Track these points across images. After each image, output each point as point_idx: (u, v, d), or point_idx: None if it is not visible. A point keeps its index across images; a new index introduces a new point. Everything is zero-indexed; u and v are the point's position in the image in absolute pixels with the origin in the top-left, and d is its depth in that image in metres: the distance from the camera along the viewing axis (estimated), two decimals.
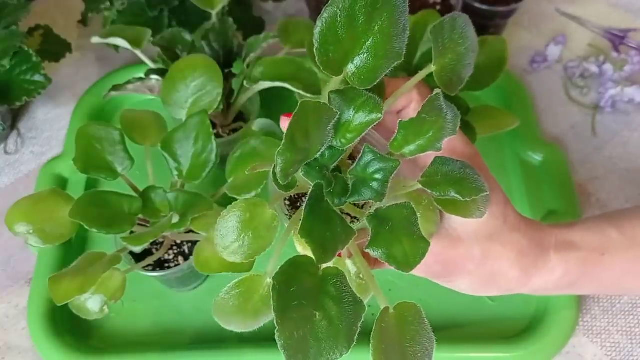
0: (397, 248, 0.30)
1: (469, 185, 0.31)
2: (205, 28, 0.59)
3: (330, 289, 0.29)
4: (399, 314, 0.30)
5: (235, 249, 0.31)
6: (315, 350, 0.27)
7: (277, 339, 0.27)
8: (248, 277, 0.32)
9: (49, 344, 0.53)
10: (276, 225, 0.32)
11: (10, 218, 0.44)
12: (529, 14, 0.80)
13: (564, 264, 0.39)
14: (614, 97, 0.69)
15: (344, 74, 0.32)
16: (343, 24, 0.31)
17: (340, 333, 0.28)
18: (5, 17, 0.66)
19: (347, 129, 0.31)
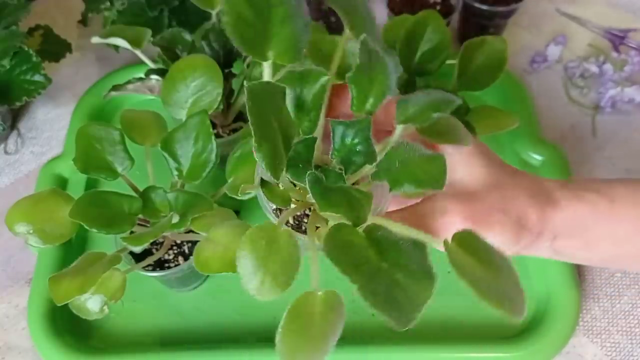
0: (419, 170, 0.30)
1: (449, 121, 0.32)
2: (205, 28, 0.59)
3: (381, 239, 0.28)
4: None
5: (269, 286, 0.29)
6: (404, 296, 0.26)
7: (366, 301, 0.26)
8: (299, 301, 0.30)
9: (49, 344, 0.53)
10: (295, 241, 0.30)
11: (10, 218, 0.44)
12: (529, 14, 0.80)
13: (574, 202, 0.37)
14: (614, 97, 0.69)
15: (271, 59, 0.32)
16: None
17: (415, 274, 0.27)
18: (5, 17, 0.66)
19: (306, 109, 0.31)
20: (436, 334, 0.54)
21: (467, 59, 0.55)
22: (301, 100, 0.31)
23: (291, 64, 0.31)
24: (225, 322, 0.56)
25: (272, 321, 0.56)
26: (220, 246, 0.43)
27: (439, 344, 0.52)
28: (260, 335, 0.55)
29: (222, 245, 0.43)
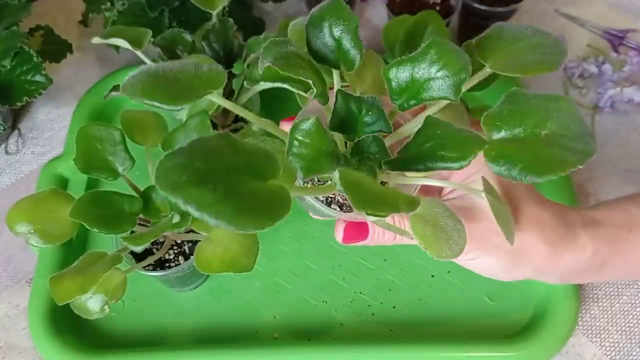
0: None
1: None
2: (205, 28, 0.59)
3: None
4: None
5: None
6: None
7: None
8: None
9: (50, 343, 0.53)
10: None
11: (11, 218, 0.44)
12: (528, 14, 0.81)
13: (593, 240, 0.37)
14: (613, 98, 0.69)
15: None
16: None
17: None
18: (6, 18, 0.66)
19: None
20: (436, 333, 0.54)
21: None
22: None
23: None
24: (225, 322, 0.56)
25: (272, 321, 0.56)
26: (221, 246, 0.43)
27: (438, 344, 0.52)
28: (260, 335, 0.55)
29: (222, 245, 0.43)
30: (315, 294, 0.57)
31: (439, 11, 0.72)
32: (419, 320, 0.55)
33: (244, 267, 0.42)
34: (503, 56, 0.31)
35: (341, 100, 0.31)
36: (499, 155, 0.28)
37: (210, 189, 0.23)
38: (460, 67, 0.30)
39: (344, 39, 0.32)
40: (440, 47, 0.30)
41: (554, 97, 0.29)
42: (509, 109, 0.29)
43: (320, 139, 0.28)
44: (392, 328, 0.55)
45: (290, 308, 0.57)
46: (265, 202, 0.24)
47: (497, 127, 0.29)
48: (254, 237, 0.44)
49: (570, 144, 0.28)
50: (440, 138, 0.29)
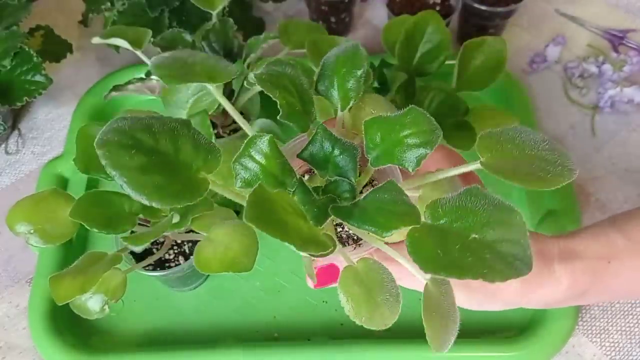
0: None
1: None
2: (205, 28, 0.59)
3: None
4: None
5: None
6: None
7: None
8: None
9: (50, 343, 0.53)
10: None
11: (11, 218, 0.44)
12: (528, 14, 0.81)
13: (570, 274, 0.37)
14: (613, 98, 0.69)
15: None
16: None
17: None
18: (6, 18, 0.66)
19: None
20: None
21: (467, 60, 0.55)
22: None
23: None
24: (225, 322, 0.56)
25: (272, 321, 0.56)
26: (221, 246, 0.43)
27: None
28: (260, 335, 0.55)
29: (222, 245, 0.43)
30: (315, 294, 0.57)
31: (439, 11, 0.72)
32: (419, 320, 0.55)
33: (243, 267, 0.42)
34: (501, 157, 0.30)
35: (319, 135, 0.32)
36: (417, 239, 0.27)
37: (131, 155, 0.26)
38: (426, 141, 0.30)
39: (348, 80, 0.34)
40: (417, 116, 0.30)
41: (508, 209, 0.27)
42: (457, 202, 0.28)
43: (271, 160, 0.29)
44: (392, 328, 0.55)
45: (290, 308, 0.57)
46: (176, 185, 0.27)
47: (437, 214, 0.28)
48: (253, 237, 0.44)
49: (489, 257, 0.26)
50: (385, 202, 0.29)
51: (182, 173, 0.28)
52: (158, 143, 0.27)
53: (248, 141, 0.29)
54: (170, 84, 0.33)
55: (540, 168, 0.30)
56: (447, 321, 0.29)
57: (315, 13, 0.77)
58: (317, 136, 0.32)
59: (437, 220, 0.28)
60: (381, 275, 0.30)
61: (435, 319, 0.29)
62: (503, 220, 0.27)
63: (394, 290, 0.30)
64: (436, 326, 0.29)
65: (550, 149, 0.31)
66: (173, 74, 0.33)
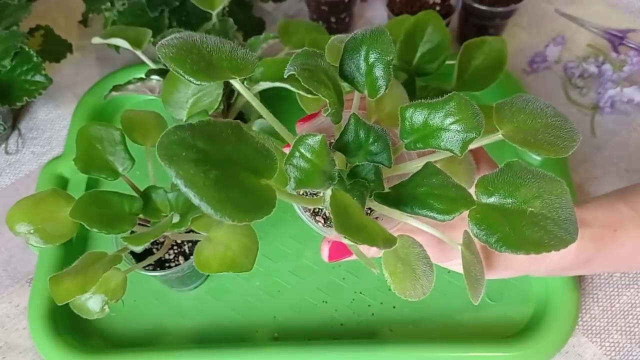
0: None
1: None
2: (205, 28, 0.59)
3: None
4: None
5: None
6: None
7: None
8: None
9: (50, 343, 0.53)
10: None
11: (11, 218, 0.44)
12: (528, 14, 0.81)
13: (578, 241, 0.38)
14: (613, 98, 0.69)
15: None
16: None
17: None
18: (6, 18, 0.66)
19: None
20: (436, 333, 0.54)
21: (467, 60, 0.55)
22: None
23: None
24: (225, 322, 0.56)
25: (272, 321, 0.56)
26: (221, 246, 0.43)
27: (439, 344, 0.52)
28: (260, 335, 0.55)
29: (222, 245, 0.43)
30: (315, 294, 0.57)
31: (439, 11, 0.72)
32: (419, 320, 0.55)
33: (243, 267, 0.42)
34: (518, 127, 0.32)
35: (353, 124, 0.32)
36: (481, 220, 0.29)
37: (205, 170, 0.24)
38: (473, 126, 0.31)
39: (377, 66, 0.33)
40: (461, 102, 0.31)
41: (550, 178, 0.30)
42: (504, 178, 0.30)
43: (321, 157, 0.29)
44: (392, 328, 0.55)
45: (290, 308, 0.57)
46: (250, 198, 0.25)
47: (488, 192, 0.30)
48: (253, 236, 0.44)
49: (552, 227, 0.29)
50: (433, 187, 0.30)
51: (252, 183, 0.26)
52: (224, 151, 0.25)
53: (297, 141, 0.29)
54: (198, 80, 0.30)
55: (553, 135, 0.32)
56: (480, 277, 0.32)
57: (315, 13, 0.77)
58: (351, 126, 0.32)
59: (489, 197, 0.30)
60: (416, 249, 0.32)
61: (471, 276, 0.31)
62: (550, 190, 0.29)
63: (428, 260, 0.32)
64: (473, 282, 0.31)
65: (555, 115, 0.33)
66: (195, 69, 0.30)
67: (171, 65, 0.30)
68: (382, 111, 0.36)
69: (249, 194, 0.25)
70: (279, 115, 0.36)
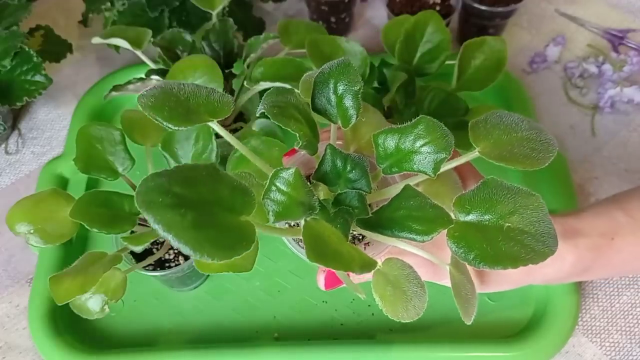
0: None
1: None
2: (205, 28, 0.59)
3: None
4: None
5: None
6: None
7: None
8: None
9: (50, 343, 0.53)
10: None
11: (11, 218, 0.44)
12: (528, 14, 0.81)
13: (574, 251, 0.39)
14: (613, 98, 0.69)
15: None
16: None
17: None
18: (6, 18, 0.66)
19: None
20: (436, 333, 0.54)
21: (467, 60, 0.55)
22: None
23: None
24: (225, 322, 0.56)
25: (272, 321, 0.56)
26: None
27: (439, 344, 0.52)
28: (260, 335, 0.55)
29: None
30: (315, 294, 0.57)
31: (439, 11, 0.72)
32: (419, 320, 0.55)
33: (243, 267, 0.42)
34: (494, 144, 0.33)
35: (329, 154, 0.33)
36: (459, 238, 0.29)
37: (182, 213, 0.25)
38: (443, 147, 0.31)
39: (346, 97, 0.34)
40: (429, 125, 0.32)
41: (526, 193, 0.30)
42: (480, 195, 0.30)
43: (297, 189, 0.30)
44: (392, 328, 0.55)
45: (290, 308, 0.57)
46: (228, 236, 0.26)
47: (466, 210, 0.30)
48: None
49: (529, 241, 0.29)
50: (411, 209, 0.31)
51: (230, 221, 0.27)
52: (200, 194, 0.26)
53: (273, 175, 0.30)
54: (176, 125, 0.32)
55: (529, 148, 0.32)
56: (471, 297, 0.32)
57: (315, 13, 0.77)
58: (327, 156, 0.33)
59: (466, 215, 0.30)
60: (406, 271, 0.32)
61: (461, 296, 0.31)
62: (526, 205, 0.29)
63: (419, 280, 0.32)
64: (463, 302, 0.31)
65: (530, 128, 0.33)
66: (172, 116, 0.32)
67: (150, 114, 0.32)
68: (361, 139, 0.37)
69: (226, 232, 0.26)
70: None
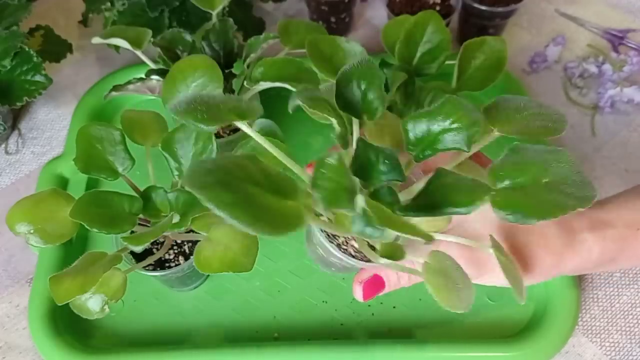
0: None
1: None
2: (205, 28, 0.59)
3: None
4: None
5: None
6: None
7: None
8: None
9: (50, 343, 0.53)
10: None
11: (11, 218, 0.44)
12: (528, 14, 0.81)
13: (600, 242, 0.39)
14: (613, 98, 0.69)
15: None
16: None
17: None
18: (6, 18, 0.66)
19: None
20: (436, 333, 0.54)
21: (467, 60, 0.55)
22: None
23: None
24: (225, 322, 0.56)
25: (272, 321, 0.56)
26: (221, 246, 0.43)
27: (439, 344, 0.52)
28: (260, 335, 0.55)
29: (222, 245, 0.43)
30: (315, 294, 0.57)
31: (439, 11, 0.72)
32: (419, 320, 0.55)
33: (243, 267, 0.42)
34: (509, 122, 0.34)
35: (362, 148, 0.33)
36: (504, 202, 0.30)
37: (232, 191, 0.25)
38: (473, 122, 0.32)
39: (370, 90, 0.35)
40: (456, 103, 0.32)
41: (553, 150, 0.31)
42: (511, 161, 0.31)
43: (342, 174, 0.30)
44: (391, 328, 0.55)
45: (290, 308, 0.57)
46: (278, 212, 0.26)
47: (501, 177, 0.31)
48: (254, 237, 0.44)
49: (569, 190, 0.30)
50: (449, 186, 0.31)
51: (279, 203, 0.27)
52: (247, 177, 0.27)
53: (318, 163, 0.30)
54: (207, 126, 0.33)
55: (541, 121, 0.34)
56: (519, 277, 0.34)
57: (315, 13, 0.77)
58: (360, 150, 0.33)
59: (502, 182, 0.31)
60: (452, 263, 0.33)
61: (512, 277, 0.33)
62: (557, 160, 0.31)
63: (463, 271, 0.33)
64: (515, 282, 0.33)
65: (537, 105, 0.35)
66: (204, 118, 0.33)
67: (183, 118, 0.33)
68: (383, 138, 0.38)
69: (277, 211, 0.26)
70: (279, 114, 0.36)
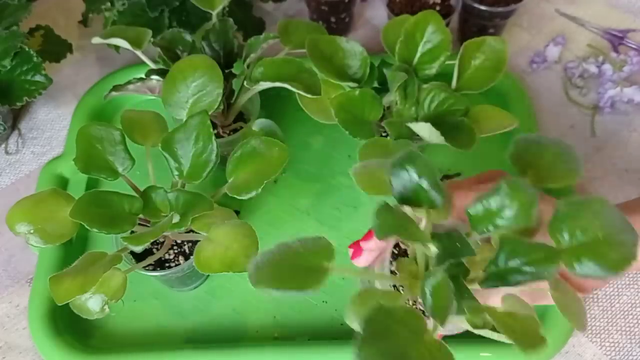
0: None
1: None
2: (205, 28, 0.59)
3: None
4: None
5: None
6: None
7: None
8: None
9: (50, 343, 0.53)
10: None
11: (11, 218, 0.44)
12: (528, 14, 0.81)
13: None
14: (613, 98, 0.69)
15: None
16: None
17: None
18: (6, 18, 0.66)
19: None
20: None
21: (467, 59, 0.55)
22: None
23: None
24: (225, 322, 0.56)
25: (272, 321, 0.56)
26: (221, 246, 0.43)
27: None
28: (260, 335, 0.55)
29: (222, 245, 0.43)
30: (315, 294, 0.57)
31: (439, 11, 0.72)
32: None
33: (244, 267, 0.42)
34: (538, 169, 0.39)
35: (445, 239, 0.36)
36: (574, 262, 0.32)
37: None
38: (529, 201, 0.34)
39: (423, 182, 0.36)
40: (513, 186, 0.34)
41: (596, 200, 0.33)
42: (562, 217, 0.33)
43: (444, 290, 0.33)
44: None
45: (290, 308, 0.57)
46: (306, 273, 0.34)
47: (560, 230, 0.33)
48: (254, 237, 0.44)
49: (624, 238, 0.31)
50: (519, 255, 0.33)
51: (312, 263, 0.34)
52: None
53: (423, 284, 0.33)
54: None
55: (566, 166, 0.40)
56: (579, 307, 0.36)
57: (315, 13, 0.77)
58: (443, 240, 0.36)
59: (562, 235, 0.33)
60: (521, 303, 0.36)
61: (570, 313, 0.35)
62: (601, 211, 0.33)
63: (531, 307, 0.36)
64: (573, 317, 0.35)
65: (554, 144, 0.40)
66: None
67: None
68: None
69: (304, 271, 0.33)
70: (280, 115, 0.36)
